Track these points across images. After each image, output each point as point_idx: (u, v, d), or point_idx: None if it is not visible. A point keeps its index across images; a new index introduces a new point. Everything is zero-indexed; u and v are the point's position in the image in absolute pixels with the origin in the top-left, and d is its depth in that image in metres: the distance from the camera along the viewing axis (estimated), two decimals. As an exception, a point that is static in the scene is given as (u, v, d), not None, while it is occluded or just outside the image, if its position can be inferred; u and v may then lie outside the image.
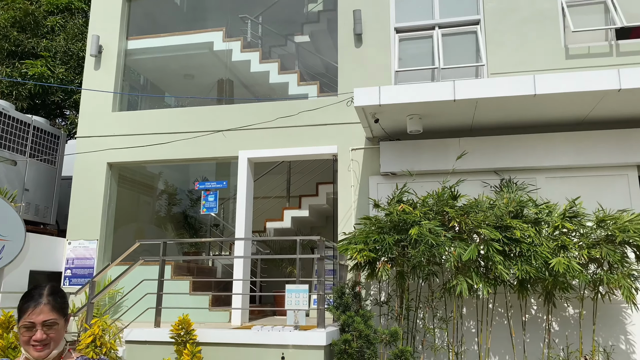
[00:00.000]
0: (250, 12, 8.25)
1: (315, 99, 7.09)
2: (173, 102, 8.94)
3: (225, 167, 8.95)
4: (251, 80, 7.91)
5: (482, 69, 6.62)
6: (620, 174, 5.93)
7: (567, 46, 6.41)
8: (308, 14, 8.41)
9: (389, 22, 7.04)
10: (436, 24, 6.94)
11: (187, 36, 7.73)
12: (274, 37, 8.41)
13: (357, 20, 7.04)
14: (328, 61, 7.84)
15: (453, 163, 6.11)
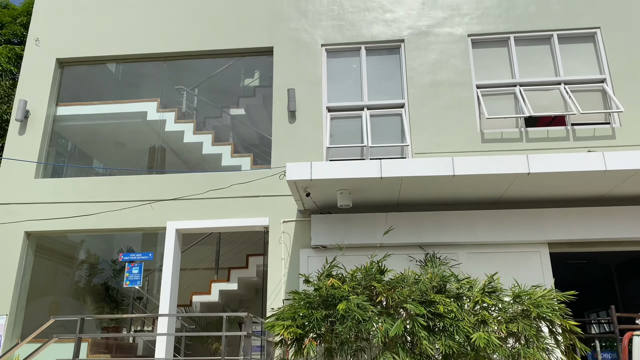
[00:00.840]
0: (187, 83, 8.39)
1: (248, 171, 7.18)
2: (101, 170, 8.72)
3: (152, 237, 8.69)
4: (184, 150, 7.92)
5: (407, 148, 7.02)
6: (534, 250, 6.34)
7: (482, 131, 6.98)
8: (244, 88, 8.66)
9: (321, 101, 7.39)
10: (365, 106, 7.36)
11: (120, 105, 7.71)
12: (210, 108, 8.55)
13: (291, 98, 7.35)
14: (262, 133, 8.04)
15: (381, 237, 6.31)
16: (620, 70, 7.06)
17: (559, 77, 7.19)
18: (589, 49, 7.34)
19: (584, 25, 7.36)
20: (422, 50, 7.50)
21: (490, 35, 7.50)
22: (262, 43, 7.83)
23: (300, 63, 7.62)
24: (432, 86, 7.28)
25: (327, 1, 7.96)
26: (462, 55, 7.38)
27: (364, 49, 7.69)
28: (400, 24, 7.70)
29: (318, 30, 7.79)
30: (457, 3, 7.70)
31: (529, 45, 7.44)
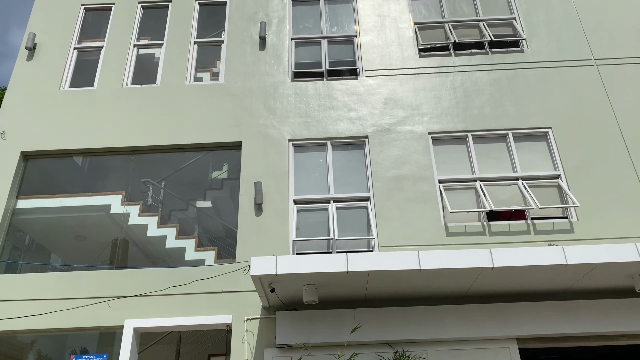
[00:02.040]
0: (154, 176, 8.39)
1: (212, 266, 7.01)
2: (59, 264, 8.39)
3: (109, 336, 8.21)
4: (147, 244, 7.74)
5: (373, 241, 7.04)
6: (503, 347, 6.22)
7: (446, 224, 7.09)
8: (212, 181, 8.71)
9: (288, 194, 7.45)
10: (331, 198, 7.45)
11: (84, 198, 7.60)
12: (176, 201, 8.50)
13: (258, 191, 7.39)
14: (228, 226, 7.97)
15: (348, 335, 6.11)
16: (573, 167, 7.42)
17: (516, 173, 7.50)
18: (542, 147, 7.74)
19: (536, 125, 7.82)
20: (386, 146, 7.77)
21: (449, 133, 7.87)
22: (231, 138, 8.00)
23: (268, 157, 7.77)
24: (396, 180, 7.47)
25: (295, 100, 8.30)
26: (423, 151, 7.67)
27: (329, 144, 7.92)
28: (364, 121, 8.03)
29: (285, 127, 8.04)
30: (417, 103, 8.13)
31: (486, 143, 7.81)
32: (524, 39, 8.65)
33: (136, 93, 8.49)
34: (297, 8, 9.44)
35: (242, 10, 9.29)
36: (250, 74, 8.59)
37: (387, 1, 9.28)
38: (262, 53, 8.80)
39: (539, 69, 8.32)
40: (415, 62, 8.56)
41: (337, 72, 8.69)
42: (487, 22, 8.92)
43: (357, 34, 8.98)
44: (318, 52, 8.92)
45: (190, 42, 9.00)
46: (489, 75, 8.33)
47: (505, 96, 8.10)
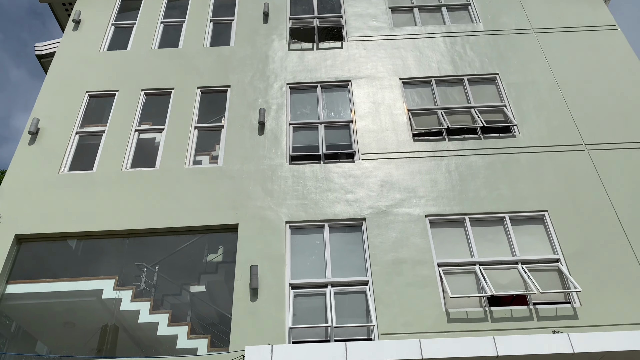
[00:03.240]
0: (149, 259, 8.26)
1: (204, 355, 6.72)
2: (44, 355, 8.02)
3: None
4: (137, 330, 7.46)
5: (373, 328, 6.81)
6: None
7: (447, 310, 6.91)
8: (207, 264, 8.57)
9: (284, 278, 7.31)
10: (329, 282, 7.31)
11: (75, 282, 7.42)
12: (169, 285, 8.30)
13: (253, 275, 7.26)
14: (222, 312, 7.73)
15: None
16: (572, 251, 7.37)
17: (515, 257, 7.43)
18: (540, 230, 7.74)
19: (532, 208, 7.87)
20: (383, 229, 7.75)
21: (446, 216, 7.89)
22: (228, 220, 7.98)
23: (265, 240, 7.71)
24: (395, 263, 7.37)
25: (292, 182, 8.38)
26: (421, 234, 7.65)
27: (327, 227, 7.89)
28: (361, 203, 8.06)
29: (283, 209, 8.05)
30: (413, 186, 8.22)
31: (484, 226, 7.81)
32: (515, 125, 8.91)
33: (135, 176, 8.57)
34: (296, 95, 9.79)
35: (242, 97, 9.62)
36: (249, 157, 8.74)
37: (381, 89, 9.65)
38: (261, 137, 9.00)
39: (531, 154, 8.51)
40: (410, 146, 8.76)
41: (334, 156, 8.85)
42: (478, 108, 9.23)
43: (352, 119, 9.25)
44: (315, 136, 9.14)
45: (190, 127, 9.23)
46: (483, 159, 8.50)
47: (499, 180, 8.22)
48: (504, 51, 10.09)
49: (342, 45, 10.50)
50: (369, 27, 10.78)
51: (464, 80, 9.72)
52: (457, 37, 10.45)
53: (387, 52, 10.28)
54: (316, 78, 9.95)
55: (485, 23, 10.65)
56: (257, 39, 10.67)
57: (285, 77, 9.95)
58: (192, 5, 11.50)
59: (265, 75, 9.98)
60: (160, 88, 9.89)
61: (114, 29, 11.21)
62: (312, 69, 10.10)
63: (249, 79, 9.93)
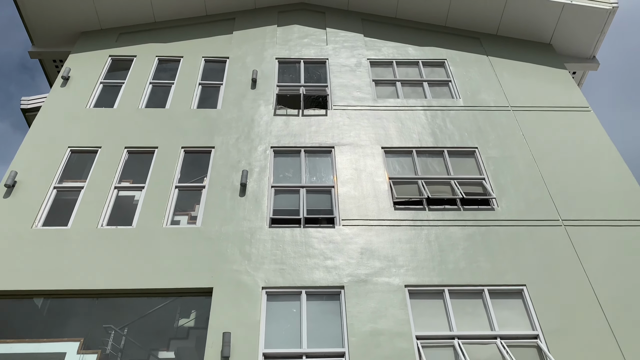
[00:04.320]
0: (117, 322, 7.92)
1: None
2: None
3: None
4: (99, 399, 7.02)
5: (348, 404, 6.52)
6: None
7: (425, 386, 6.68)
8: (178, 329, 8.24)
9: (258, 347, 7.04)
10: (304, 353, 7.05)
11: (37, 344, 7.03)
12: (137, 350, 7.92)
13: (226, 342, 6.98)
14: (191, 381, 7.36)
15: None
16: (551, 327, 7.29)
17: (494, 332, 7.31)
18: (519, 305, 7.67)
19: (511, 282, 7.84)
20: (362, 298, 7.60)
21: (426, 286, 7.80)
22: (203, 284, 7.77)
23: (239, 305, 7.49)
24: (373, 335, 7.18)
25: (271, 246, 8.27)
26: (400, 304, 7.52)
27: (304, 294, 7.72)
28: (340, 271, 7.95)
29: (260, 273, 7.89)
30: (393, 255, 8.17)
31: (463, 299, 7.72)
32: (494, 198, 9.06)
33: (110, 234, 8.39)
34: (279, 159, 9.88)
35: (225, 158, 9.67)
36: (229, 218, 8.65)
37: (363, 157, 9.80)
38: (242, 199, 8.97)
39: (510, 227, 8.59)
40: (391, 214, 8.79)
41: (315, 220, 8.82)
42: (457, 180, 9.40)
43: (334, 184, 9.31)
44: (296, 200, 9.14)
45: (171, 186, 9.18)
46: (463, 230, 8.55)
47: (479, 252, 8.23)
48: (483, 126, 10.42)
49: (326, 113, 10.75)
50: (353, 97, 11.10)
51: (444, 152, 9.95)
52: (438, 110, 10.79)
53: (370, 121, 10.54)
54: (300, 143, 10.09)
55: (465, 99, 11.06)
56: (244, 103, 10.88)
57: (270, 141, 10.07)
58: (182, 68, 11.78)
59: (249, 138, 10.09)
60: (144, 146, 9.90)
61: (102, 87, 11.35)
62: (296, 134, 10.26)
63: (234, 140, 10.02)
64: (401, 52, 12.34)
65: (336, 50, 12.39)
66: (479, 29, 12.82)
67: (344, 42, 12.64)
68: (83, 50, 12.17)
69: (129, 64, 11.90)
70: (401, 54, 12.29)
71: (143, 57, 12.01)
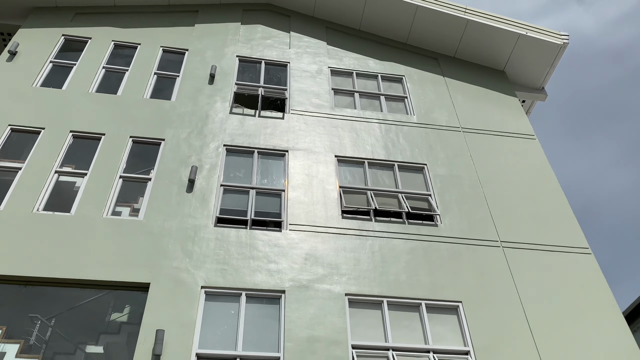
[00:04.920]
0: (45, 311, 7.55)
1: None
2: None
3: None
4: (17, 392, 6.66)
5: (278, 409, 6.47)
6: None
7: (356, 395, 6.73)
8: (109, 323, 7.94)
9: (191, 347, 6.89)
10: (238, 356, 6.95)
11: (-48, 330, 6.59)
12: (64, 343, 7.57)
13: (158, 340, 6.79)
14: (119, 378, 7.10)
15: None
16: (482, 344, 7.51)
17: (428, 345, 7.46)
18: (453, 321, 7.87)
19: (448, 298, 8.04)
20: (302, 304, 7.59)
21: (365, 296, 7.87)
22: (140, 278, 7.54)
23: (176, 303, 7.31)
24: (310, 342, 7.17)
25: (215, 245, 8.14)
26: (339, 313, 7.55)
27: (244, 296, 7.63)
28: (283, 275, 7.91)
29: (200, 272, 7.74)
30: (337, 262, 8.22)
31: (400, 311, 7.85)
32: (438, 215, 9.28)
33: (46, 220, 8.01)
34: (231, 158, 9.75)
35: (175, 152, 9.45)
36: (173, 214, 8.45)
37: (316, 163, 9.83)
38: (189, 195, 8.79)
39: (451, 244, 8.83)
40: (338, 222, 8.85)
41: (262, 223, 8.75)
42: (405, 194, 9.58)
43: (285, 188, 9.28)
44: (245, 201, 9.04)
45: (115, 175, 8.88)
46: (406, 244, 8.70)
47: (420, 266, 8.40)
48: (434, 144, 10.69)
49: (283, 117, 10.72)
50: (311, 104, 11.14)
51: (395, 166, 10.13)
52: (392, 125, 10.99)
53: (325, 129, 10.60)
54: (254, 144, 10.01)
55: (418, 116, 11.32)
56: (199, 97, 10.69)
57: (223, 139, 9.94)
58: (138, 55, 11.46)
59: (202, 134, 9.92)
60: (91, 132, 9.55)
61: (51, 67, 10.88)
62: (251, 134, 10.18)
63: (186, 135, 9.82)
64: (362, 64, 12.50)
65: (298, 55, 12.41)
66: (438, 49, 13.17)
67: (306, 48, 12.68)
68: (34, 26, 11.63)
69: (82, 46, 11.47)
70: (362, 66, 12.45)
71: (98, 40, 11.61)
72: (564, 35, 12.37)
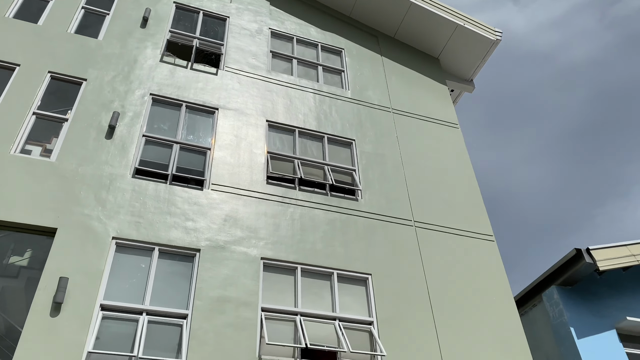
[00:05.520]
0: None
1: (-24, 371, 5.75)
2: None
3: None
4: None
5: (181, 365, 6.48)
6: None
7: (260, 356, 6.87)
8: (7, 266, 7.49)
9: (96, 297, 6.68)
10: (145, 310, 6.84)
11: None
12: (-48, 283, 7.06)
13: (61, 288, 6.52)
14: (12, 324, 6.74)
15: None
16: (385, 316, 7.91)
17: (335, 313, 7.74)
18: (361, 292, 8.20)
19: (359, 270, 8.34)
20: (216, 264, 7.56)
21: (281, 262, 7.98)
22: (46, 222, 7.14)
23: (84, 252, 7.02)
24: (220, 301, 7.19)
25: (131, 196, 7.86)
26: (253, 276, 7.61)
27: (157, 251, 7.48)
28: (200, 234, 7.81)
29: (113, 222, 7.46)
30: (256, 226, 8.23)
31: (313, 279, 8.05)
32: (360, 190, 9.52)
33: (-58, 149, 7.32)
34: (157, 108, 9.36)
35: (97, 94, 8.92)
36: (89, 159, 8.03)
37: (246, 125, 9.69)
38: (108, 142, 8.37)
39: (368, 219, 9.11)
40: (262, 187, 8.83)
41: (183, 179, 8.54)
42: (331, 167, 9.71)
43: (211, 147, 9.09)
44: (167, 155, 8.76)
45: (28, 110, 8.26)
46: (326, 215, 8.88)
47: (336, 237, 8.61)
48: (364, 121, 10.87)
49: (217, 73, 10.41)
50: (247, 63, 10.88)
51: (325, 138, 10.21)
52: (327, 97, 11.03)
53: (259, 91, 10.43)
54: (183, 97, 9.66)
55: (353, 92, 11.42)
56: (129, 40, 10.10)
57: (151, 87, 9.50)
58: (65, -16, 10.57)
59: (128, 79, 9.42)
60: (3, 61, 8.76)
61: (-38, -19, 9.78)
62: (180, 87, 9.81)
63: (110, 78, 9.28)
64: (303, 31, 12.36)
65: (239, 11, 12.02)
66: (379, 27, 13.28)
67: (248, 5, 12.31)
68: None
69: (1, -37, 10.38)
70: (303, 33, 12.30)
71: (20, -40, 10.56)
72: (497, 31, 12.89)
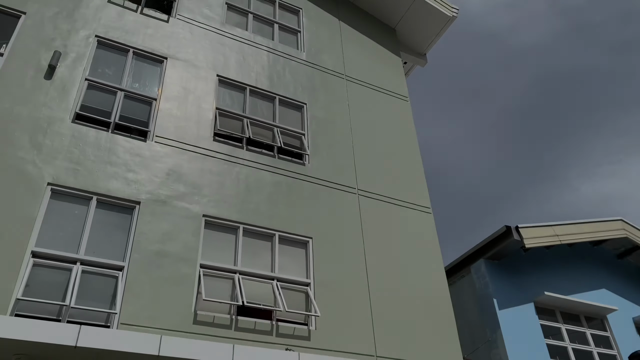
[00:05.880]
0: None
1: None
2: None
3: None
4: None
5: (114, 316, 6.43)
6: None
7: (196, 312, 6.92)
8: None
9: (27, 244, 6.45)
10: (79, 259, 6.69)
11: None
12: None
13: (-11, 232, 6.24)
14: None
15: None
16: (322, 279, 8.13)
17: (273, 273, 7.87)
18: (301, 254, 8.35)
19: (300, 233, 8.47)
20: (157, 217, 7.46)
21: (223, 220, 7.97)
22: (-25, 163, 6.75)
23: (16, 197, 6.73)
24: (158, 255, 7.13)
25: (69, 142, 7.54)
26: (194, 232, 7.57)
27: (95, 200, 7.27)
28: (141, 186, 7.64)
29: (49, 168, 7.16)
30: (200, 183, 8.14)
31: (254, 239, 8.10)
32: (308, 154, 9.57)
33: None
34: (102, 51, 8.91)
35: (37, 31, 8.37)
36: (25, 99, 7.59)
37: (195, 78, 9.42)
38: (47, 82, 7.93)
39: (313, 184, 9.20)
40: (209, 144, 8.69)
41: (126, 129, 8.26)
42: (280, 129, 9.66)
43: (157, 97, 8.80)
44: (111, 102, 8.42)
45: (-42, 40, 7.65)
46: (272, 177, 8.89)
47: (281, 200, 8.67)
48: (317, 86, 10.82)
49: (168, 20, 9.99)
50: (201, 13, 10.49)
51: (276, 99, 10.11)
52: (281, 57, 10.86)
53: (211, 44, 10.12)
54: (131, 42, 9.23)
55: (308, 54, 11.30)
56: (75, -25, 9.46)
57: (96, 29, 9.01)
58: None
59: (73, 18, 8.88)
60: None
61: None
62: (129, 31, 9.35)
63: (52, 14, 8.71)
64: (262, -14, 11.99)
65: (196, -42, 11.46)
66: (339, -9, 13.10)
67: (206, -48, 11.75)
68: None
69: None
70: (261, -12, 11.94)
71: None
72: (455, 8, 13.04)
